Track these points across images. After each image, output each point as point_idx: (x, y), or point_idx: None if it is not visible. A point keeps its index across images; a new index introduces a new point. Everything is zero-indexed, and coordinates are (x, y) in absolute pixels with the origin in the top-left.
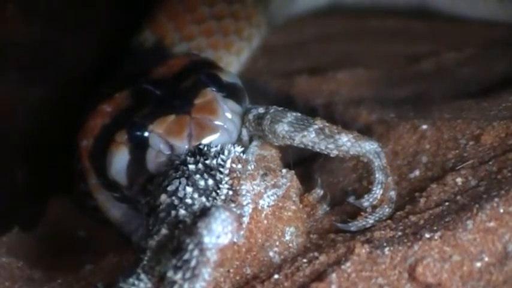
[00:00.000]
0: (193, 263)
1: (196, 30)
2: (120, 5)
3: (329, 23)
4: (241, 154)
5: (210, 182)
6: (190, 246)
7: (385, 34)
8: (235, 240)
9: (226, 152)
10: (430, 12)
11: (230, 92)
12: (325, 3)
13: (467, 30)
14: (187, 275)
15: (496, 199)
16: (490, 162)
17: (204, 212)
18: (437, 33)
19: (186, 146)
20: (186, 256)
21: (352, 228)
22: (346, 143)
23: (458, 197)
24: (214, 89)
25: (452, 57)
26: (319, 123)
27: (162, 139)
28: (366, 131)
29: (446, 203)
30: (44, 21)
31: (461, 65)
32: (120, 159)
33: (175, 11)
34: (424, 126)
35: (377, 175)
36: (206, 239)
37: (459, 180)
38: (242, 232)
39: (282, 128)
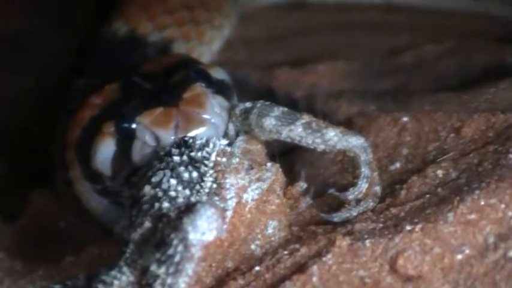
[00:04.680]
0: (177, 258)
1: (168, 19)
2: None
3: (310, 16)
4: (226, 147)
5: (194, 174)
6: (175, 242)
7: (365, 27)
8: (219, 235)
9: (211, 145)
10: (395, 8)
11: (219, 88)
12: None
13: (446, 23)
14: (171, 269)
15: (477, 191)
16: (471, 155)
17: (189, 208)
18: (417, 26)
19: (172, 137)
20: (170, 251)
21: (336, 219)
22: (333, 137)
23: (439, 190)
24: (203, 85)
25: (432, 50)
26: (306, 117)
27: (149, 130)
28: (346, 124)
29: (427, 195)
30: (25, 13)
31: (441, 58)
32: (105, 150)
33: (146, 1)
34: (405, 119)
35: (363, 169)
36: (191, 235)
37: (440, 172)
38: (225, 226)
39: (269, 122)
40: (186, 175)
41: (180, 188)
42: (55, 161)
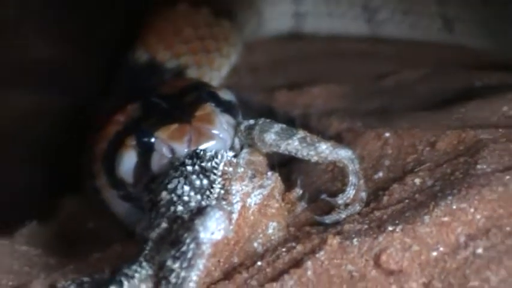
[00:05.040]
0: (189, 254)
1: (183, 48)
2: (122, 28)
3: (306, 46)
4: (233, 158)
5: (205, 182)
6: (188, 240)
7: (354, 55)
8: (226, 234)
9: (219, 156)
10: (380, 40)
11: (226, 107)
12: (288, 31)
13: (424, 53)
14: (184, 264)
15: (450, 197)
16: (444, 165)
17: (200, 211)
18: (398, 55)
19: (186, 150)
20: (184, 248)
21: (327, 221)
22: (325, 150)
23: (417, 195)
24: (213, 105)
25: (411, 75)
26: (301, 133)
27: (165, 144)
28: (336, 138)
29: (406, 201)
30: (58, 41)
31: (419, 82)
32: (128, 161)
33: (164, 33)
34: (387, 134)
35: (351, 178)
36: (202, 235)
37: (417, 180)
38: (232, 227)
39: (270, 136)
40: (197, 182)
41: (192, 193)
42: (84, 170)
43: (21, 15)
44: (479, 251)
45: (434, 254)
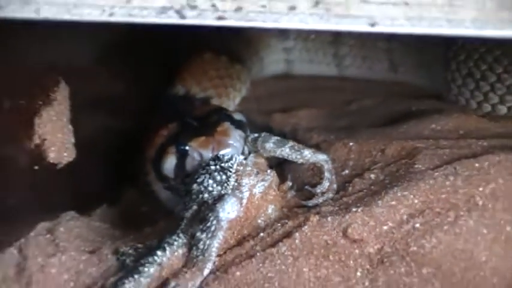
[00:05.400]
0: (213, 228)
1: (208, 84)
2: (163, 70)
3: (294, 82)
4: (243, 161)
5: (223, 177)
6: (211, 218)
7: (328, 89)
8: (238, 214)
9: (233, 159)
10: (346, 78)
11: (238, 125)
12: (281, 72)
13: (377, 86)
14: (209, 235)
15: (396, 188)
16: (392, 165)
17: (220, 198)
18: (359, 88)
19: (210, 155)
20: (209, 224)
21: (310, 204)
22: (307, 155)
23: (372, 186)
24: (229, 123)
25: (369, 102)
26: (291, 143)
27: (196, 151)
28: (316, 147)
29: (365, 190)
30: (122, 80)
31: (374, 107)
32: (170, 163)
33: (196, 73)
34: (351, 144)
35: (326, 174)
36: (221, 214)
37: (372, 176)
38: (242, 209)
39: (269, 145)
40: (218, 178)
41: (214, 185)
42: (139, 169)
43: (98, 63)
44: (417, 225)
45: (385, 227)
